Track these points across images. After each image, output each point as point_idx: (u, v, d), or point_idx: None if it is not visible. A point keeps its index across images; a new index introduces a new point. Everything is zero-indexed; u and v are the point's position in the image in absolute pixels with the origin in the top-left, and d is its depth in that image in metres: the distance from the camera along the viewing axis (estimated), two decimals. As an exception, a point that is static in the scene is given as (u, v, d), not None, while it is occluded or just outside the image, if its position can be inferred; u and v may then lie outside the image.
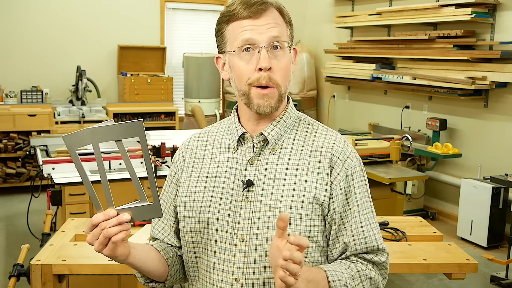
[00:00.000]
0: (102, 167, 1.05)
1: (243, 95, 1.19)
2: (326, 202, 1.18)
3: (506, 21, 4.61)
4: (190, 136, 1.36)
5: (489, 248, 4.40)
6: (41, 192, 3.78)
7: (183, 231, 1.25)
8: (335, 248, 1.20)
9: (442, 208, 5.36)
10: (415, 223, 2.66)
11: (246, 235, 1.17)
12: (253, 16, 1.16)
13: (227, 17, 1.19)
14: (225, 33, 1.20)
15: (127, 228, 1.05)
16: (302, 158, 1.20)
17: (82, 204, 3.32)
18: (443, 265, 2.21)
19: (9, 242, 4.35)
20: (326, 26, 6.94)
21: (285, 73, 1.19)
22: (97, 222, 1.05)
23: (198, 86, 6.87)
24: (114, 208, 1.05)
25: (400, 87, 5.49)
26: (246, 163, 1.21)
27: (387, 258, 1.22)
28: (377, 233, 1.21)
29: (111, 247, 1.06)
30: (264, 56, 1.15)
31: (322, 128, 1.26)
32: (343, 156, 1.20)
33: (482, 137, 4.89)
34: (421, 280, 3.77)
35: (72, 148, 1.02)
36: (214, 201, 1.21)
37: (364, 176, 1.24)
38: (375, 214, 1.24)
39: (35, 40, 6.49)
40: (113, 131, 1.02)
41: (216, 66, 1.27)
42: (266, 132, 1.21)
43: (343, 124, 6.77)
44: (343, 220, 1.19)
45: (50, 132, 5.65)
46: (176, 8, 7.24)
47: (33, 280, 2.05)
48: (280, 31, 1.18)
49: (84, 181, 1.05)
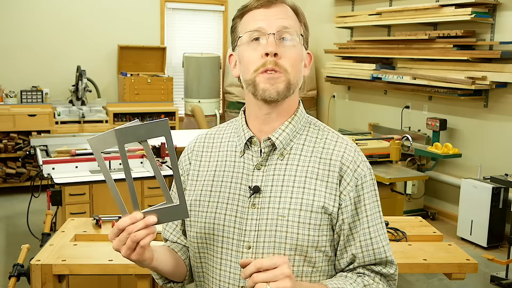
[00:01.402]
0: (128, 170, 1.02)
1: (250, 85, 1.15)
2: (335, 212, 1.14)
3: (506, 21, 4.61)
4: (196, 137, 1.32)
5: (489, 248, 4.39)
6: (41, 192, 3.78)
7: (189, 236, 1.23)
8: (343, 259, 1.17)
9: (442, 208, 5.36)
10: (415, 223, 2.66)
11: (252, 243, 1.14)
12: (265, 6, 1.16)
13: (240, 11, 1.19)
14: (238, 26, 1.20)
15: (154, 231, 1.02)
16: (311, 165, 1.17)
17: (82, 204, 3.32)
18: (443, 265, 2.21)
19: (9, 242, 4.35)
20: (326, 26, 6.94)
21: (295, 63, 1.15)
22: (124, 226, 1.01)
23: (198, 86, 6.88)
24: (140, 211, 1.02)
25: (400, 87, 5.49)
26: (253, 168, 1.18)
27: (395, 270, 1.20)
28: (386, 245, 1.18)
29: (140, 251, 1.02)
30: (271, 41, 1.12)
31: (332, 134, 1.22)
32: (353, 165, 1.17)
33: (482, 137, 4.89)
34: (421, 280, 3.77)
35: (97, 150, 0.99)
36: (220, 206, 1.18)
37: (374, 186, 1.20)
38: (384, 225, 1.21)
39: (35, 40, 6.49)
40: (138, 131, 1.00)
41: (229, 64, 1.25)
42: (274, 137, 1.17)
43: (343, 124, 6.77)
44: (352, 231, 1.16)
45: (50, 132, 5.65)
46: (176, 8, 7.24)
47: (33, 280, 2.05)
48: (291, 24, 1.16)
49: (110, 184, 1.01)
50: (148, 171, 3.60)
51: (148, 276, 2.09)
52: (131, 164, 3.62)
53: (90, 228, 2.45)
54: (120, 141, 1.00)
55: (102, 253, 2.16)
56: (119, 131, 0.99)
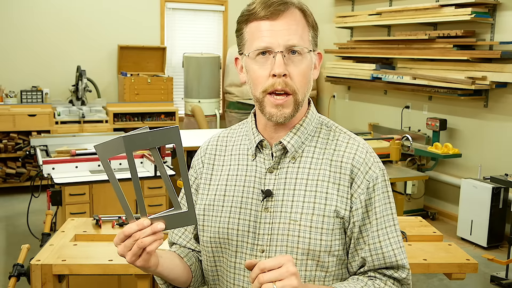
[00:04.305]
0: (136, 177, 0.99)
1: (257, 102, 1.14)
2: (347, 216, 1.13)
3: (506, 21, 4.61)
4: (208, 139, 1.31)
5: (489, 248, 4.39)
6: (41, 192, 3.78)
7: (203, 240, 1.22)
8: (354, 262, 1.16)
9: (442, 208, 5.36)
10: (415, 223, 2.65)
11: (266, 246, 1.14)
12: (271, 18, 1.10)
13: (245, 16, 1.14)
14: (244, 34, 1.15)
15: (161, 238, 1.01)
16: (322, 168, 1.15)
17: (82, 204, 3.32)
18: (443, 265, 2.20)
19: (9, 242, 4.35)
20: (326, 26, 6.94)
21: (304, 79, 1.12)
22: (131, 232, 0.99)
23: (198, 86, 6.88)
24: (147, 218, 1.01)
25: (400, 87, 5.49)
26: (266, 171, 1.17)
27: (408, 274, 1.16)
28: (396, 249, 1.15)
29: (146, 258, 1.01)
30: (278, 62, 1.09)
31: (344, 135, 1.21)
32: (364, 167, 1.15)
33: (482, 137, 4.88)
34: (421, 280, 3.77)
35: (104, 157, 0.97)
36: (234, 211, 1.17)
37: (388, 187, 1.17)
38: (398, 227, 1.17)
39: (35, 40, 6.49)
40: (147, 138, 0.97)
41: (235, 67, 1.22)
42: (285, 141, 1.16)
43: (343, 124, 6.72)
44: (362, 234, 1.14)
45: (50, 132, 5.65)
46: (176, 8, 7.24)
47: (33, 280, 2.05)
48: (300, 36, 1.12)
49: (116, 191, 0.99)
50: (148, 171, 3.60)
51: (148, 276, 2.09)
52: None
53: (90, 228, 2.45)
54: (128, 149, 0.97)
55: (102, 253, 2.16)
56: (127, 138, 0.97)
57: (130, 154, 0.98)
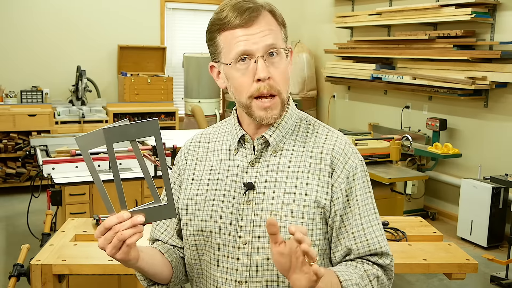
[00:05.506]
0: (116, 169, 1.01)
1: (244, 107, 1.16)
2: (327, 205, 1.16)
3: (506, 21, 4.61)
4: (191, 137, 1.34)
5: (489, 248, 4.39)
6: (41, 192, 3.78)
7: (186, 234, 1.25)
8: (338, 251, 1.19)
9: (442, 208, 5.36)
10: (415, 223, 2.66)
11: (248, 238, 1.16)
12: (246, 25, 1.11)
13: (217, 25, 1.14)
14: (218, 42, 1.16)
15: (141, 231, 1.03)
16: (303, 160, 1.19)
17: (82, 204, 3.32)
18: (443, 265, 2.21)
19: (9, 242, 4.35)
20: (326, 26, 6.94)
21: (285, 79, 1.16)
22: (111, 225, 1.01)
23: (198, 86, 6.88)
24: (127, 210, 1.02)
25: (400, 87, 5.49)
26: (247, 165, 1.20)
27: (391, 260, 1.20)
28: (379, 235, 1.19)
29: (125, 250, 1.02)
30: (261, 66, 1.11)
31: (323, 128, 1.25)
32: (343, 157, 1.18)
33: (482, 137, 4.89)
34: (421, 280, 3.77)
35: (85, 149, 0.99)
36: (216, 204, 1.20)
37: (367, 177, 1.21)
38: (378, 216, 1.21)
39: (35, 40, 6.49)
40: (127, 131, 0.99)
41: (211, 74, 1.23)
42: (268, 135, 1.19)
43: (343, 124, 6.77)
44: (344, 223, 1.17)
45: (50, 132, 5.65)
46: (176, 8, 7.24)
47: (33, 280, 2.05)
48: (275, 36, 1.14)
49: (97, 184, 1.01)
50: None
51: (148, 276, 2.09)
52: (131, 164, 3.62)
53: (90, 228, 2.45)
54: (109, 141, 0.99)
55: (102, 253, 2.13)
56: (107, 130, 0.99)
57: (111, 146, 1.00)
